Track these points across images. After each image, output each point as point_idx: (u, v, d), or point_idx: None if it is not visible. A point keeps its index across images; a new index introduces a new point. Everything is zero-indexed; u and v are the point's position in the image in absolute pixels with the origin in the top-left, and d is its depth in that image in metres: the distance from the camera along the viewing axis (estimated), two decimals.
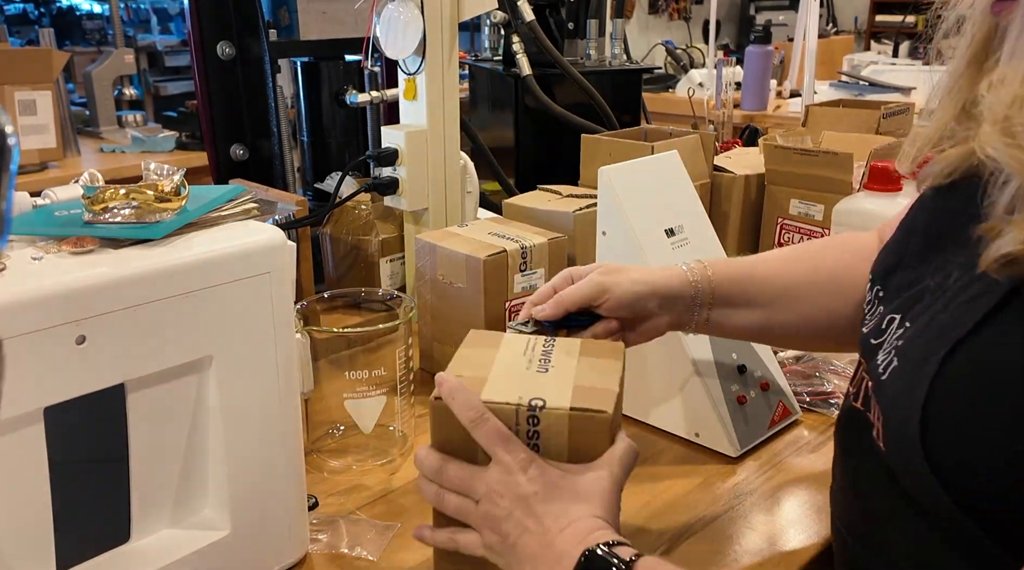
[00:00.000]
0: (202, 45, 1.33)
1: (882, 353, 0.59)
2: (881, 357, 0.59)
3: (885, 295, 0.65)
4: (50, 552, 0.62)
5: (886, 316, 0.62)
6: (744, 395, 0.94)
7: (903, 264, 0.65)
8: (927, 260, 0.62)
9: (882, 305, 0.65)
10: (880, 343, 0.61)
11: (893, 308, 0.62)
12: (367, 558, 0.78)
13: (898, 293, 0.63)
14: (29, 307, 0.56)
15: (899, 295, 0.63)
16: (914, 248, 0.64)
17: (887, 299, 0.65)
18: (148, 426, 0.65)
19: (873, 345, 0.62)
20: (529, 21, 1.52)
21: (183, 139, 2.71)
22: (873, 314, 0.66)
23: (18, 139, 0.37)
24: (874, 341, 0.62)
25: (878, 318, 0.64)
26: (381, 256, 1.34)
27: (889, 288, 0.65)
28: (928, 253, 0.62)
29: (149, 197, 0.65)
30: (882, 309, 0.64)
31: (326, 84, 1.54)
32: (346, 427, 0.95)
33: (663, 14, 6.16)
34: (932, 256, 0.61)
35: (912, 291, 0.61)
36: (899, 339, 0.58)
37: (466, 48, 3.67)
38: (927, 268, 0.61)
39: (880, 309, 0.65)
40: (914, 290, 0.60)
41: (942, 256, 0.60)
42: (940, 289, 0.57)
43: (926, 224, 0.64)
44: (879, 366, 0.59)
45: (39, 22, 4.29)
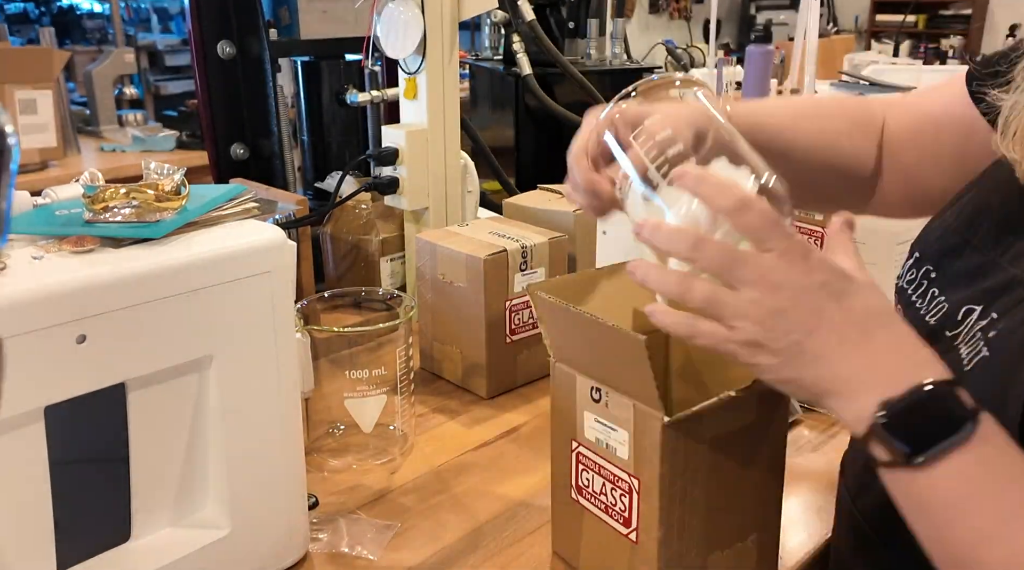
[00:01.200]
0: (203, 44, 1.33)
1: (964, 346, 0.55)
2: (965, 350, 0.55)
3: (941, 278, 0.61)
4: (50, 551, 0.62)
5: (960, 306, 0.58)
6: None
7: (970, 247, 0.60)
8: (1006, 246, 0.57)
9: (936, 288, 0.61)
10: (956, 334, 0.57)
11: (967, 297, 0.58)
12: (367, 557, 0.78)
13: (967, 280, 0.59)
14: (29, 306, 0.56)
15: (969, 283, 0.58)
16: (987, 230, 0.59)
17: (946, 283, 0.60)
18: (148, 425, 0.65)
19: (948, 337, 0.57)
20: (529, 20, 1.52)
21: (183, 138, 2.71)
22: (927, 297, 0.62)
23: (18, 138, 0.37)
24: (949, 333, 0.57)
25: (943, 305, 0.60)
26: (381, 255, 1.34)
27: (948, 271, 0.61)
28: (1007, 238, 0.58)
29: (149, 196, 0.65)
30: (940, 294, 0.60)
31: (326, 83, 1.54)
32: (346, 426, 0.95)
33: (663, 13, 6.16)
34: (1015, 243, 0.57)
35: (991, 281, 0.56)
36: (988, 331, 0.54)
37: (466, 47, 3.67)
38: (1007, 255, 0.57)
39: (935, 293, 0.61)
40: (995, 280, 0.56)
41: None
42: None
43: (1003, 204, 0.59)
44: (962, 359, 0.55)
45: (39, 21, 4.29)
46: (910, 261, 0.67)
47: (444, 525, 0.83)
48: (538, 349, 1.10)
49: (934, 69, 3.50)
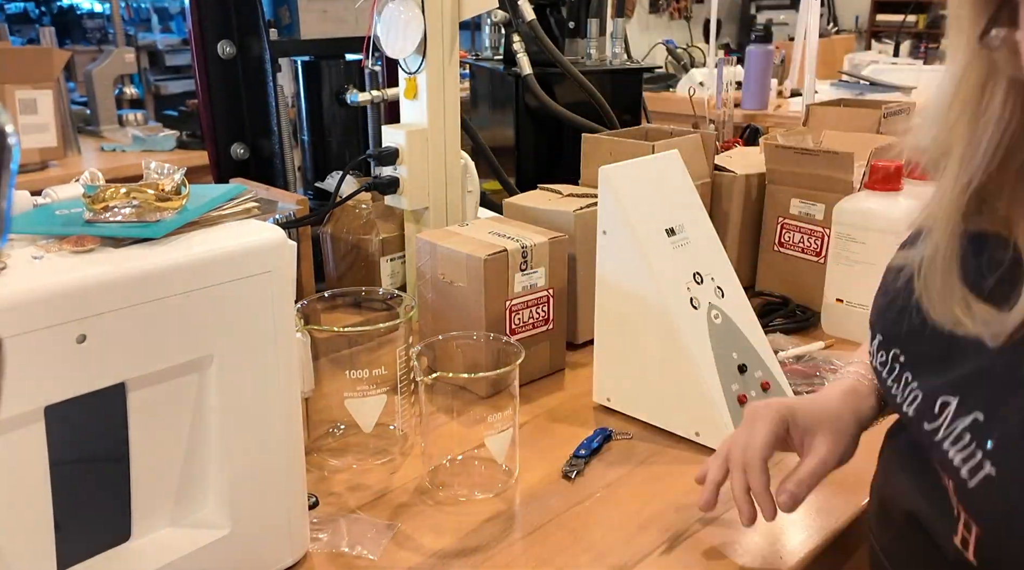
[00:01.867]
0: (203, 44, 1.33)
1: (952, 447, 0.53)
2: (953, 453, 0.52)
3: (910, 361, 0.59)
4: (50, 551, 0.62)
5: (935, 397, 0.56)
6: (744, 395, 0.94)
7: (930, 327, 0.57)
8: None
9: (909, 372, 0.59)
10: (936, 429, 0.55)
11: (941, 387, 0.55)
12: (367, 557, 0.78)
13: (935, 365, 0.56)
14: (30, 306, 0.56)
15: (939, 368, 0.56)
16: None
17: (917, 367, 0.58)
18: (148, 425, 0.65)
19: (927, 431, 0.56)
20: (530, 20, 1.52)
21: (184, 138, 2.71)
22: (901, 383, 0.60)
23: (18, 138, 0.37)
24: (928, 426, 0.56)
25: (917, 393, 0.58)
26: (381, 255, 1.34)
27: (915, 354, 0.59)
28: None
29: (150, 196, 0.65)
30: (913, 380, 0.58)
31: (327, 83, 1.54)
32: (346, 426, 0.96)
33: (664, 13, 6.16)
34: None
35: (963, 369, 0.54)
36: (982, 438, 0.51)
37: (467, 47, 3.67)
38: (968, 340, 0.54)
39: (908, 378, 0.59)
40: (966, 369, 0.54)
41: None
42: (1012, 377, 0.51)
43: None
44: (956, 466, 0.52)
45: (40, 21, 4.29)
46: (875, 341, 0.64)
47: (444, 525, 0.83)
48: (539, 349, 1.10)
49: (934, 69, 3.49)
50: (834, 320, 1.24)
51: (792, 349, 1.15)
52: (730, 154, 1.54)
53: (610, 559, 0.77)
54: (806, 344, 1.17)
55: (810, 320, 1.27)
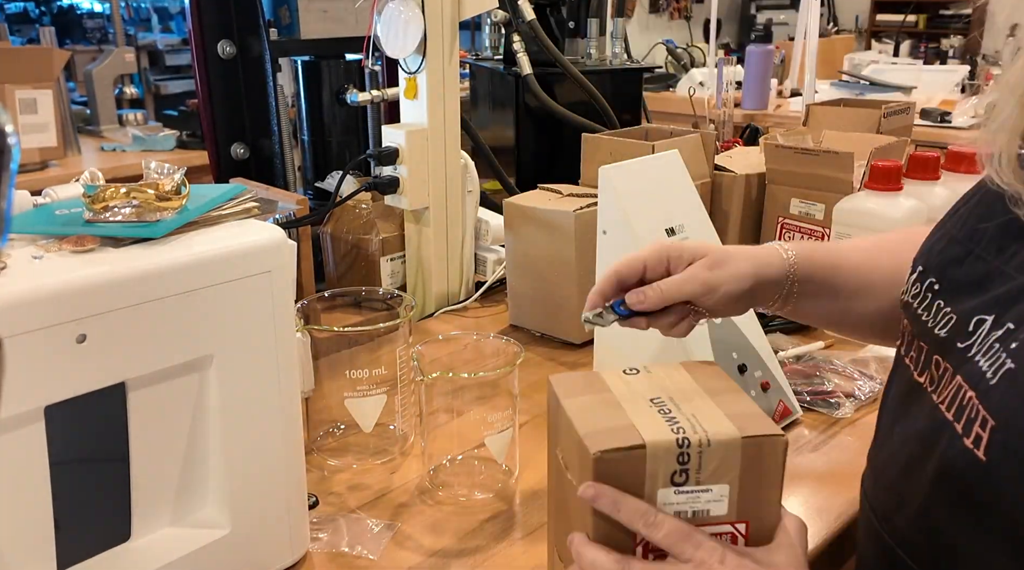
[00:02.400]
0: (203, 44, 1.33)
1: (983, 358, 0.55)
2: (983, 362, 0.55)
3: (945, 289, 0.61)
4: (50, 551, 0.62)
5: (970, 316, 0.58)
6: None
7: (973, 256, 0.60)
8: (1012, 254, 0.58)
9: (942, 299, 0.61)
10: (969, 345, 0.57)
11: (976, 307, 0.58)
12: (367, 557, 0.78)
13: (973, 290, 0.59)
14: (30, 306, 0.56)
15: (976, 292, 0.58)
16: (991, 238, 0.60)
17: (952, 294, 0.61)
18: (148, 425, 0.65)
19: (960, 348, 0.58)
20: (530, 20, 1.52)
21: (184, 138, 2.71)
22: (932, 309, 0.62)
23: (18, 138, 0.37)
24: (961, 344, 0.58)
25: (951, 317, 0.60)
26: (381, 255, 1.34)
27: (952, 282, 0.61)
28: (1011, 245, 0.58)
29: (150, 196, 0.65)
30: (946, 305, 0.60)
31: (327, 83, 1.54)
32: (346, 426, 0.96)
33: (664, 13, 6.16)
34: (1020, 251, 0.57)
35: (1000, 289, 0.57)
36: (1008, 341, 0.54)
37: (467, 47, 3.67)
38: (1012, 263, 0.57)
39: (941, 304, 0.61)
40: (1004, 288, 0.56)
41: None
42: None
43: (1006, 212, 0.59)
44: (983, 372, 0.54)
45: (40, 21, 4.29)
46: (913, 275, 0.66)
47: (444, 525, 0.83)
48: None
49: (934, 69, 3.50)
50: None
51: (792, 349, 1.15)
52: (730, 154, 1.54)
53: None
54: (806, 344, 1.17)
55: None
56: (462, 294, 1.37)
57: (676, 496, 0.56)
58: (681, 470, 0.56)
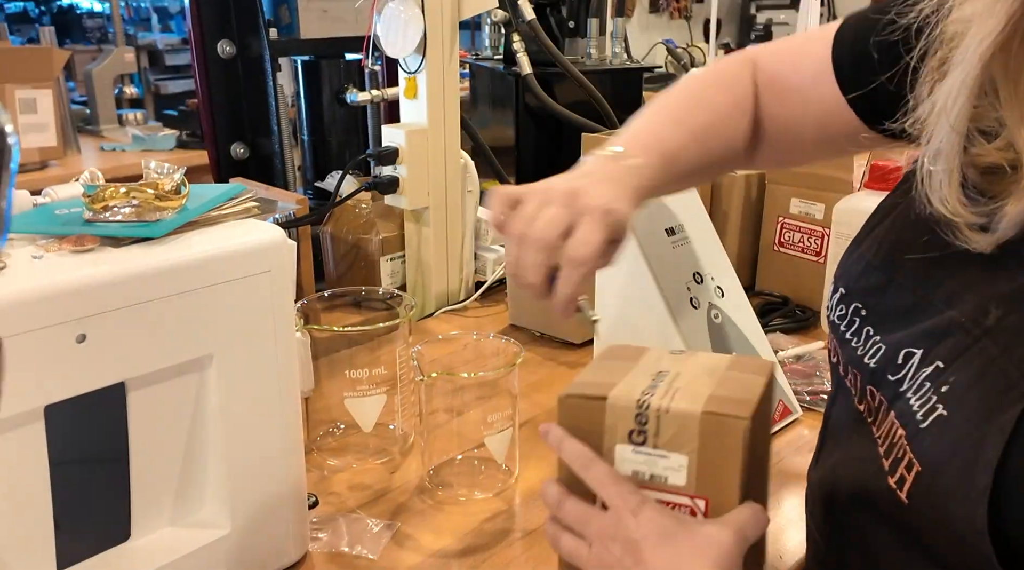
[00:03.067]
0: (203, 43, 1.33)
1: (913, 396, 0.54)
2: (915, 402, 0.54)
3: (872, 316, 0.60)
4: (50, 550, 0.62)
5: (899, 349, 0.56)
6: None
7: (895, 284, 0.59)
8: (935, 284, 0.56)
9: (870, 326, 0.60)
10: (900, 379, 0.56)
11: (905, 340, 0.56)
12: (367, 557, 0.78)
13: (900, 320, 0.57)
14: (29, 306, 0.56)
15: (903, 323, 0.57)
16: (911, 267, 0.58)
17: (879, 321, 0.59)
18: (148, 424, 0.65)
19: (891, 381, 0.56)
20: (529, 20, 1.52)
21: (183, 138, 2.71)
22: (861, 336, 0.60)
23: (18, 138, 0.37)
24: (892, 377, 0.56)
25: (880, 346, 0.58)
26: (381, 255, 1.34)
27: (877, 309, 0.60)
28: (935, 275, 0.56)
29: (149, 196, 0.65)
30: (875, 333, 0.59)
31: (326, 83, 1.54)
32: (346, 426, 0.96)
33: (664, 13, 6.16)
34: (944, 281, 0.55)
35: (927, 323, 0.55)
36: (938, 384, 0.52)
37: (466, 47, 3.66)
38: (938, 294, 0.55)
39: (870, 332, 0.60)
40: (932, 322, 0.55)
41: (963, 283, 0.54)
42: (978, 328, 0.51)
43: (924, 243, 0.57)
44: (914, 412, 0.53)
45: (39, 20, 4.29)
46: (836, 296, 0.65)
47: (444, 525, 0.83)
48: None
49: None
50: None
51: (792, 349, 1.15)
52: None
53: None
54: (806, 344, 1.17)
55: (810, 320, 1.27)
56: (462, 294, 1.37)
57: (633, 454, 0.58)
58: (639, 430, 0.58)
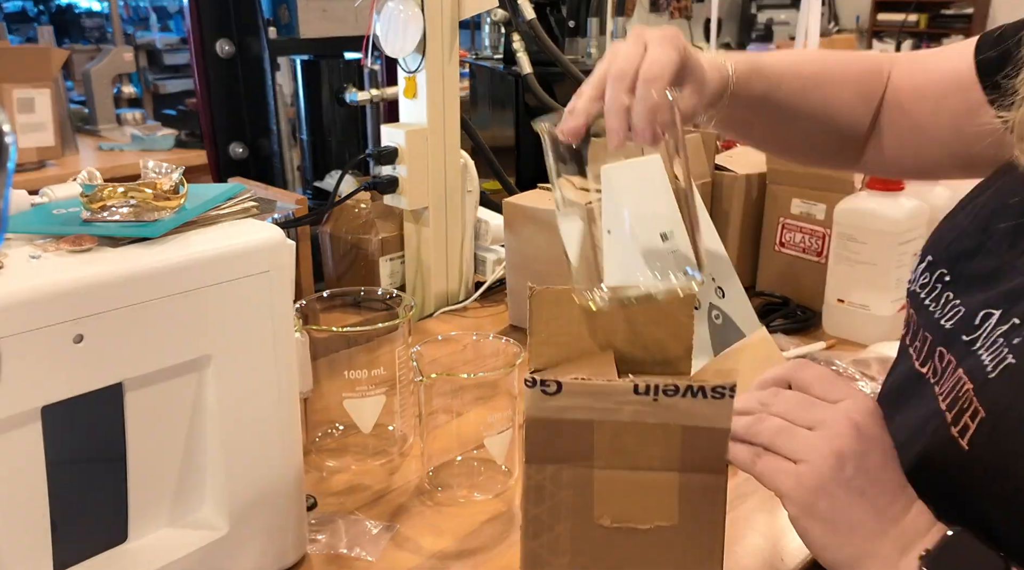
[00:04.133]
0: (202, 43, 1.32)
1: (985, 352, 0.55)
2: (986, 356, 0.55)
3: (955, 281, 0.61)
4: (47, 552, 0.62)
5: (978, 310, 0.58)
6: None
7: (985, 249, 0.60)
8: (1021, 249, 0.58)
9: (951, 291, 0.61)
10: (974, 339, 0.57)
11: (985, 301, 0.58)
12: (366, 558, 0.77)
13: (983, 283, 0.59)
14: (27, 306, 0.55)
15: (985, 286, 0.58)
16: (1003, 233, 0.60)
17: (961, 286, 0.61)
18: (146, 425, 0.65)
19: (965, 341, 0.58)
20: (530, 19, 1.52)
21: (182, 137, 2.71)
22: (940, 300, 0.62)
23: (16, 137, 0.37)
24: (966, 337, 0.58)
25: (959, 308, 0.60)
26: (381, 255, 1.33)
27: (962, 274, 0.61)
28: (1022, 244, 0.58)
29: (148, 195, 0.65)
30: (955, 298, 0.60)
31: (326, 82, 1.53)
32: (345, 426, 0.95)
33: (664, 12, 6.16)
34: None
35: (1010, 284, 0.57)
36: (1012, 336, 0.54)
37: (466, 46, 3.66)
38: (1023, 258, 0.57)
39: (950, 296, 0.61)
40: (1013, 284, 0.56)
41: None
42: None
43: (1020, 206, 0.59)
44: (984, 366, 0.54)
45: (38, 19, 4.29)
46: (923, 265, 0.66)
47: (443, 526, 0.82)
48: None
49: None
50: (835, 320, 1.23)
51: (793, 349, 1.15)
52: (730, 154, 1.53)
53: None
54: (807, 344, 1.17)
55: (811, 320, 1.27)
56: (461, 294, 1.37)
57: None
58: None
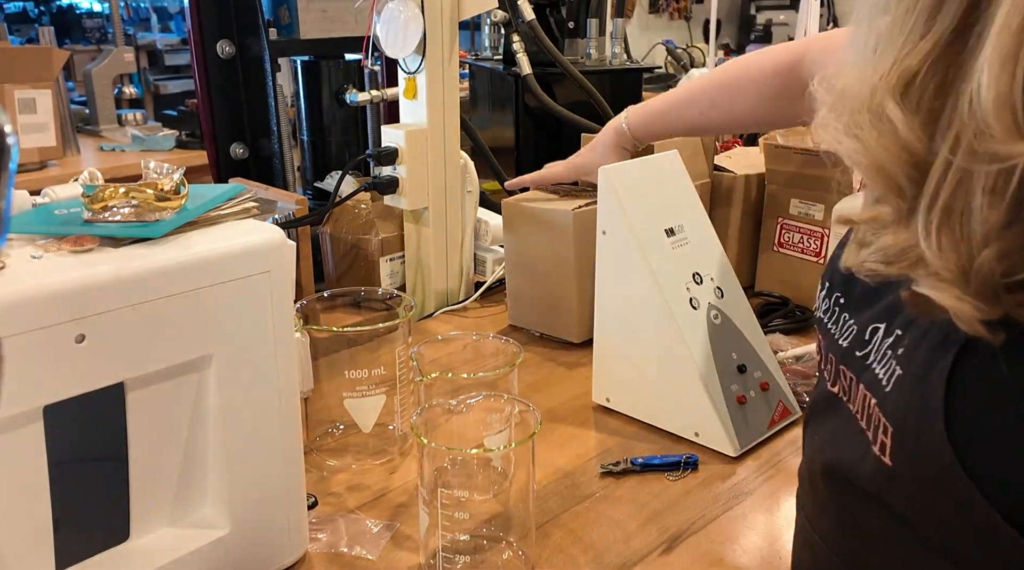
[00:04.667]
0: (202, 44, 1.33)
1: (878, 366, 0.57)
2: (879, 370, 0.57)
3: (848, 302, 0.64)
4: (49, 551, 0.62)
5: (866, 326, 0.60)
6: (744, 395, 0.94)
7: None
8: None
9: (847, 312, 0.64)
10: (867, 353, 0.59)
11: (872, 317, 0.60)
12: (366, 557, 0.78)
13: (868, 300, 0.61)
14: (29, 306, 0.56)
15: (871, 303, 0.61)
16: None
17: (852, 307, 0.63)
18: (147, 425, 0.65)
19: (859, 357, 0.60)
20: (529, 20, 1.52)
21: (183, 138, 2.71)
22: (839, 322, 0.64)
23: (17, 138, 0.37)
24: (859, 353, 0.60)
25: (852, 327, 0.62)
26: (381, 255, 1.34)
27: (852, 295, 0.64)
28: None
29: (149, 196, 0.65)
30: (851, 318, 0.63)
31: (326, 83, 1.54)
32: (345, 426, 0.95)
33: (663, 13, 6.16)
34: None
35: (889, 298, 0.59)
36: (896, 348, 0.56)
37: (466, 47, 3.66)
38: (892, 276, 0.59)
39: (847, 317, 0.63)
40: (892, 297, 0.58)
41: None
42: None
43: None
44: (880, 379, 0.57)
45: (39, 20, 4.29)
46: (823, 292, 0.69)
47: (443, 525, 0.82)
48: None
49: None
50: None
51: (792, 349, 1.15)
52: (730, 154, 1.54)
53: (609, 559, 0.77)
54: (806, 344, 1.17)
55: (810, 320, 1.27)
56: (461, 294, 1.37)
57: None
58: None
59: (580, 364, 1.16)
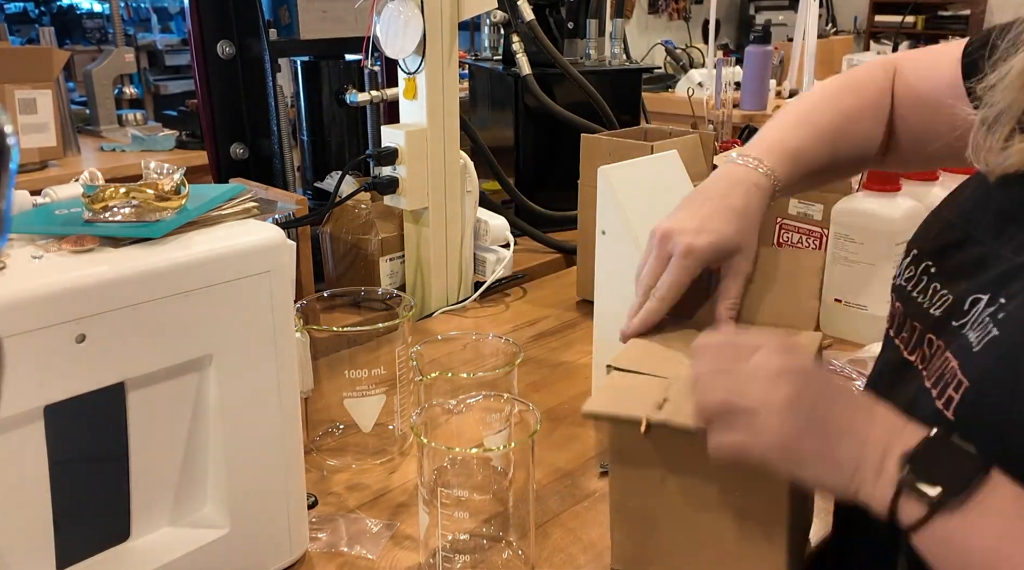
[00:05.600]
0: (202, 44, 1.33)
1: (972, 331, 0.57)
2: (972, 335, 0.57)
3: (941, 272, 0.64)
4: (50, 550, 0.62)
5: (966, 296, 0.60)
6: None
7: (973, 239, 0.63)
8: (1008, 238, 0.60)
9: (938, 282, 0.63)
10: (964, 323, 0.59)
11: (973, 288, 0.60)
12: (366, 557, 0.78)
13: (970, 271, 0.61)
14: (29, 306, 0.56)
15: (973, 274, 0.61)
16: (988, 223, 0.63)
17: (948, 276, 0.63)
18: (148, 424, 0.65)
19: (955, 326, 0.60)
20: (529, 21, 1.52)
21: (183, 138, 2.71)
22: (928, 292, 0.64)
23: (18, 138, 0.37)
24: (956, 323, 0.60)
25: (946, 297, 0.62)
26: (381, 255, 1.34)
27: (948, 265, 0.63)
28: (1008, 229, 0.60)
29: (149, 196, 0.65)
30: (943, 288, 0.63)
31: (326, 83, 1.54)
32: (345, 426, 0.96)
33: (663, 14, 6.16)
34: (1016, 234, 0.60)
35: (997, 271, 0.59)
36: (996, 313, 0.56)
37: (466, 47, 3.67)
38: (1010, 246, 0.59)
39: (937, 287, 0.63)
40: (1000, 270, 0.59)
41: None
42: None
43: (999, 203, 0.62)
44: (971, 343, 0.57)
45: (39, 21, 4.29)
46: (907, 259, 0.69)
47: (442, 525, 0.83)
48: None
49: None
50: (833, 320, 1.24)
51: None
52: (729, 154, 1.54)
53: (609, 558, 0.77)
54: None
55: None
56: (461, 294, 1.37)
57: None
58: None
59: (580, 364, 1.16)
